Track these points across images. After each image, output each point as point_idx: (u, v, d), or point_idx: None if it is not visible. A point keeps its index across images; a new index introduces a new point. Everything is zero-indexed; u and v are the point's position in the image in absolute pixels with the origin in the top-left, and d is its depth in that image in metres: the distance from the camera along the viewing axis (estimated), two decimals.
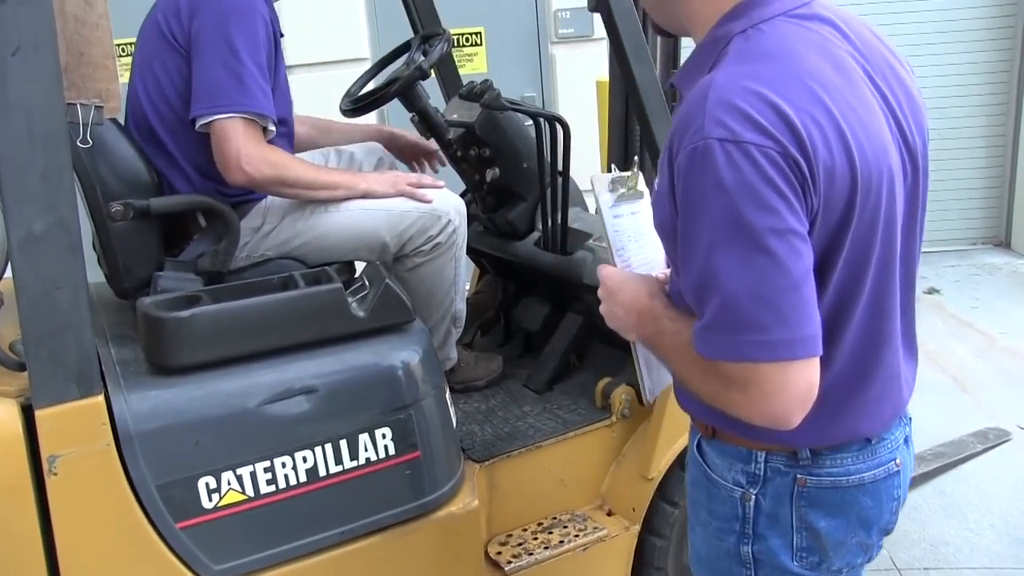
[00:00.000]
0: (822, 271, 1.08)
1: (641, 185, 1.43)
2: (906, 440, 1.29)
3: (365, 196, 2.13)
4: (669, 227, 1.12)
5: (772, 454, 1.21)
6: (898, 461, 1.25)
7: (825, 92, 1.04)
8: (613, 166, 1.51)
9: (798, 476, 1.21)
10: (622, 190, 1.41)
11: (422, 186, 2.17)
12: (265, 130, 1.99)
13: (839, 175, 1.04)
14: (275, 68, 2.03)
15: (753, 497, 1.23)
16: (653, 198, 1.20)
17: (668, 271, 1.34)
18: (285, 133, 2.12)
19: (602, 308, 1.32)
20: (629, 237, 1.41)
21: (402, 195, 2.15)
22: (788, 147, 1.00)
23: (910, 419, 1.31)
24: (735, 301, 1.01)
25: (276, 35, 2.04)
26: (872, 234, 1.10)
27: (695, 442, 1.34)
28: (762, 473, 1.22)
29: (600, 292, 1.33)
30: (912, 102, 1.18)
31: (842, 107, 1.05)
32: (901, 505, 1.28)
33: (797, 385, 1.03)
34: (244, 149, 1.92)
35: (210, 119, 1.92)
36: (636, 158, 1.52)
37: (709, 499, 1.30)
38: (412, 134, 2.57)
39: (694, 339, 1.07)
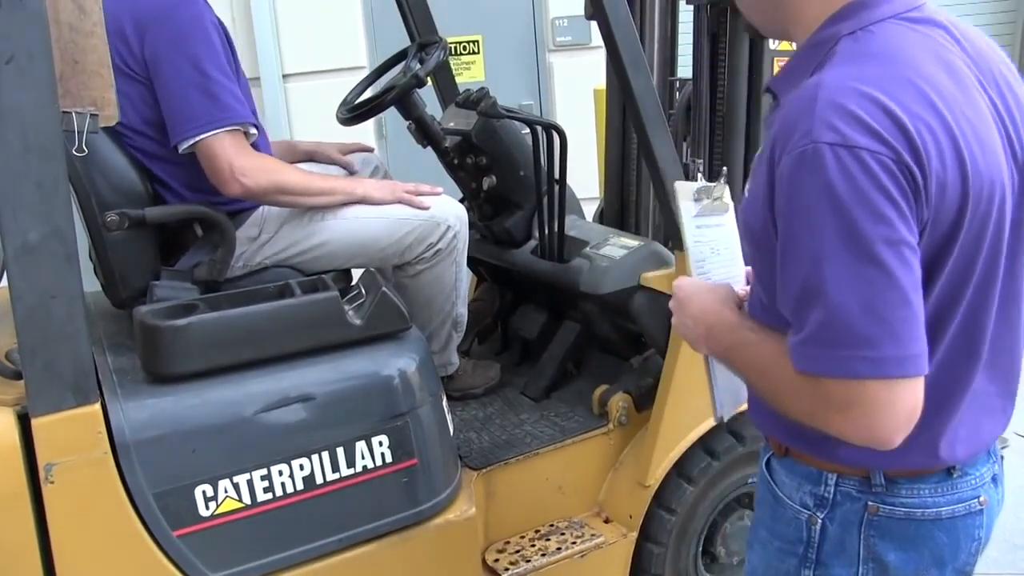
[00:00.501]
0: (923, 285, 1.02)
1: (727, 197, 1.39)
2: (994, 479, 1.21)
3: (363, 201, 2.12)
4: (760, 235, 1.07)
5: (844, 477, 1.16)
6: (982, 499, 1.17)
7: (939, 98, 0.99)
8: (700, 175, 1.47)
9: (869, 503, 1.15)
10: (707, 200, 1.37)
11: (420, 193, 2.18)
12: (247, 134, 1.97)
13: (950, 186, 0.98)
14: (235, 69, 2.01)
15: (820, 521, 1.18)
16: (741, 206, 1.16)
17: (748, 287, 1.30)
18: (259, 129, 2.10)
19: (673, 320, 1.28)
20: (712, 250, 1.37)
21: (400, 202, 2.15)
22: (902, 153, 0.95)
23: (1001, 457, 1.24)
24: (842, 314, 0.95)
25: (228, 36, 2.01)
26: (977, 251, 1.05)
27: (764, 460, 1.30)
28: (831, 496, 1.17)
29: (671, 303, 1.28)
30: None
31: (956, 114, 1.00)
32: (982, 547, 1.20)
33: (903, 405, 0.97)
34: (236, 161, 1.91)
35: (193, 141, 1.90)
36: (725, 169, 1.48)
37: (773, 519, 1.25)
38: (327, 144, 2.51)
39: (791, 353, 1.02)
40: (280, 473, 1.72)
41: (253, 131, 1.99)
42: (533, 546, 2.15)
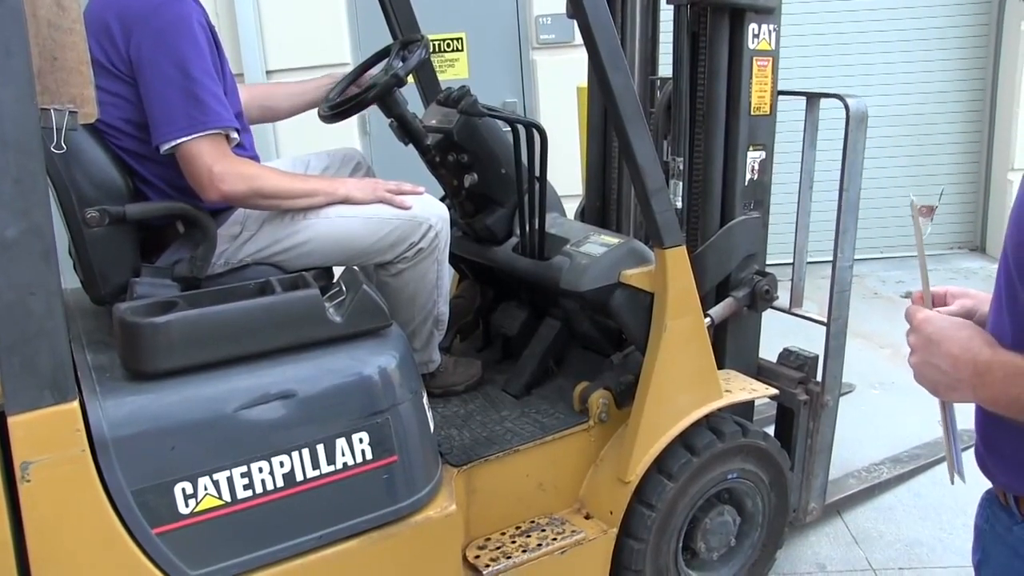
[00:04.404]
0: None
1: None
2: None
3: (345, 201, 2.12)
4: None
5: None
6: None
7: None
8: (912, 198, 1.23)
9: None
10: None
11: (402, 192, 2.18)
12: (228, 138, 1.97)
13: None
14: (221, 68, 2.00)
15: None
16: (1011, 216, 1.01)
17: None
18: (243, 127, 2.10)
19: (914, 360, 1.09)
20: None
21: (381, 202, 2.15)
22: None
23: None
24: None
25: (215, 35, 2.01)
26: None
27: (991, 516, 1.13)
28: None
29: (913, 340, 1.08)
30: None
31: None
32: None
33: None
34: (215, 167, 1.90)
35: (173, 144, 1.89)
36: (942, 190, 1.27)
37: None
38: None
39: None
40: (260, 470, 1.72)
41: (235, 135, 1.98)
42: (514, 543, 2.16)
